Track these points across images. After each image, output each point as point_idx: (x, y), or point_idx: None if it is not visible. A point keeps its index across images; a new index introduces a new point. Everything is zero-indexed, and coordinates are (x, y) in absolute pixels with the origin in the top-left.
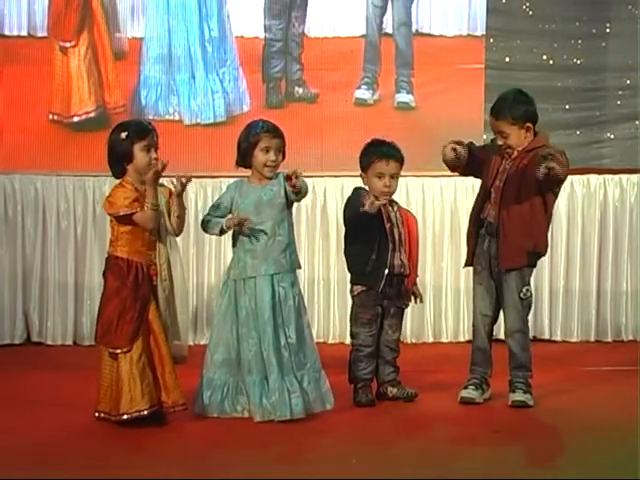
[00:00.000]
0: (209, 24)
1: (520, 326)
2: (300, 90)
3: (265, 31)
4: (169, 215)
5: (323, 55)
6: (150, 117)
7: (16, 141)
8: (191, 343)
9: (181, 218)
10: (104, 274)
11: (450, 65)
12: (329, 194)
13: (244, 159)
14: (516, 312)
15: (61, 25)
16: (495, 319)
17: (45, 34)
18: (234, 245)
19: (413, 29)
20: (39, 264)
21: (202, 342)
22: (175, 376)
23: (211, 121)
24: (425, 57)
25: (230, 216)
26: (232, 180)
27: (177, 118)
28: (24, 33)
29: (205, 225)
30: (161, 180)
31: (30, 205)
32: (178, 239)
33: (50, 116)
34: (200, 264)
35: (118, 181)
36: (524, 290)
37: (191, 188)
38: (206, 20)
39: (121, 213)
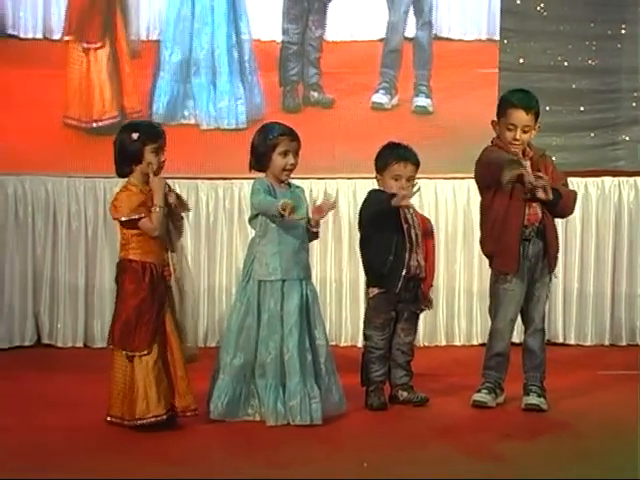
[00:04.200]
0: (239, 28)
1: (543, 325)
2: (316, 94)
3: (283, 34)
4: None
5: (340, 59)
6: (165, 121)
7: (27, 143)
8: (201, 345)
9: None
10: (117, 279)
11: (468, 69)
12: (341, 195)
13: (260, 162)
14: (543, 311)
15: (86, 26)
16: None
17: (61, 37)
18: (260, 245)
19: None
20: (49, 266)
21: (212, 344)
22: (187, 380)
23: (233, 127)
24: (443, 61)
25: (284, 200)
26: (242, 181)
27: (193, 122)
28: (39, 36)
29: (263, 202)
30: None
31: (41, 206)
32: (189, 240)
33: (66, 120)
34: (211, 265)
35: (125, 182)
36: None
37: (202, 189)
38: (235, 23)
39: (124, 218)
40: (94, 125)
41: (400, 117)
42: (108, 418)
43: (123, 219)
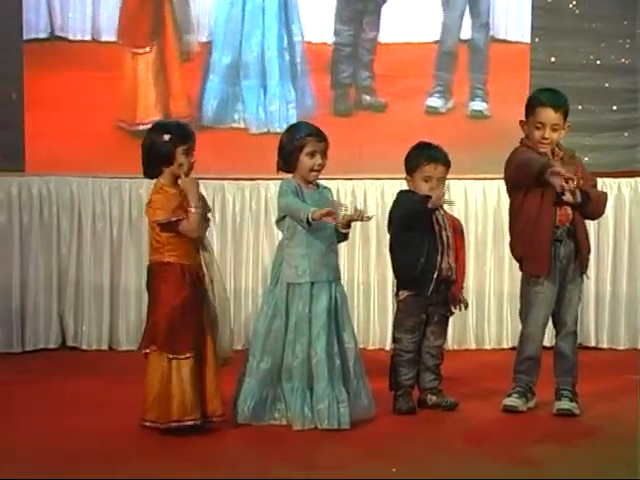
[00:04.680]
0: (291, 30)
1: (576, 328)
2: (368, 98)
3: (335, 36)
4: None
5: (393, 62)
6: (214, 124)
7: (76, 145)
8: None
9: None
10: (150, 283)
11: (523, 71)
12: (369, 196)
13: (288, 163)
14: (575, 314)
15: (133, 31)
16: None
17: (110, 39)
18: (289, 247)
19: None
20: (74, 267)
21: (238, 347)
22: (216, 384)
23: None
24: (498, 64)
25: (315, 208)
26: (274, 181)
27: (242, 126)
28: (88, 38)
29: (292, 205)
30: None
31: (65, 207)
32: (214, 242)
33: (117, 123)
34: (237, 268)
35: (154, 183)
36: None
37: (228, 190)
38: (286, 26)
39: (164, 221)
40: (140, 128)
41: (455, 121)
42: (144, 422)
43: (162, 221)
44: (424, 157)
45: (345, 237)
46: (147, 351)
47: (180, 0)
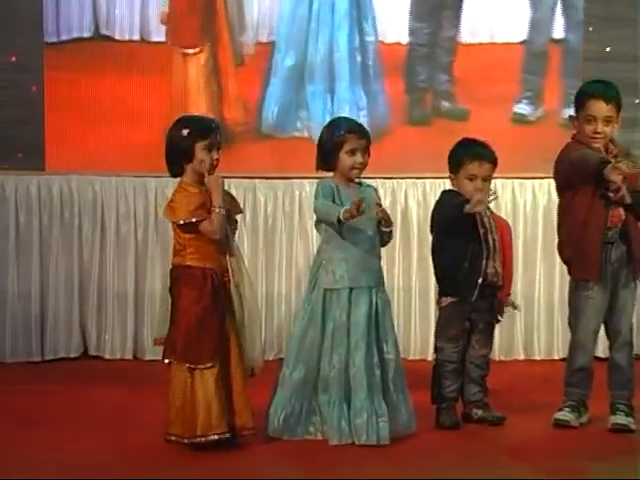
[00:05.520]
0: (363, 28)
1: (631, 338)
2: (447, 104)
3: (409, 35)
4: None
5: (476, 64)
6: (275, 133)
7: (125, 149)
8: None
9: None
10: (172, 287)
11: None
12: (410, 197)
13: (327, 161)
14: (630, 321)
15: (182, 30)
16: None
17: (160, 39)
18: (326, 251)
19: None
20: (97, 271)
21: (271, 357)
22: (245, 396)
23: None
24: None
25: (346, 207)
26: (309, 181)
27: (306, 135)
28: (136, 37)
29: (323, 208)
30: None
31: (88, 208)
32: (245, 245)
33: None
34: (270, 272)
35: (179, 182)
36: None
37: (260, 190)
38: (358, 24)
39: (183, 221)
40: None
41: (546, 130)
42: (168, 437)
43: (181, 222)
44: (468, 155)
45: (389, 238)
46: (168, 361)
47: None
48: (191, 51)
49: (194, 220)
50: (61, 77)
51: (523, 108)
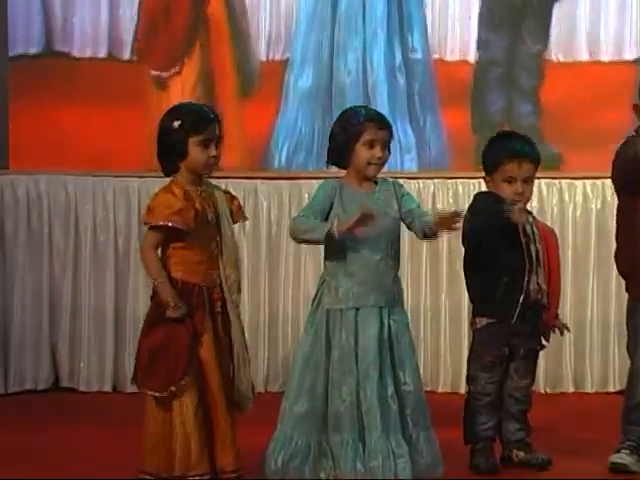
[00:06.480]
0: (407, 40)
1: None
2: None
3: (479, 50)
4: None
5: (571, 90)
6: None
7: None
8: (261, 390)
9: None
10: (151, 299)
11: None
12: (438, 200)
13: (340, 155)
14: None
15: (154, 45)
16: None
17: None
18: (329, 265)
19: None
20: (70, 287)
21: (274, 389)
22: (231, 432)
23: None
24: None
25: (337, 221)
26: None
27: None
28: (102, 54)
29: (300, 227)
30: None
31: (59, 212)
32: (245, 256)
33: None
34: (274, 289)
35: (170, 181)
36: None
37: (262, 192)
38: (399, 33)
39: (154, 224)
40: None
41: None
42: (140, 475)
43: (152, 224)
44: (505, 153)
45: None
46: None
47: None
48: (166, 74)
49: (170, 225)
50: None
51: None
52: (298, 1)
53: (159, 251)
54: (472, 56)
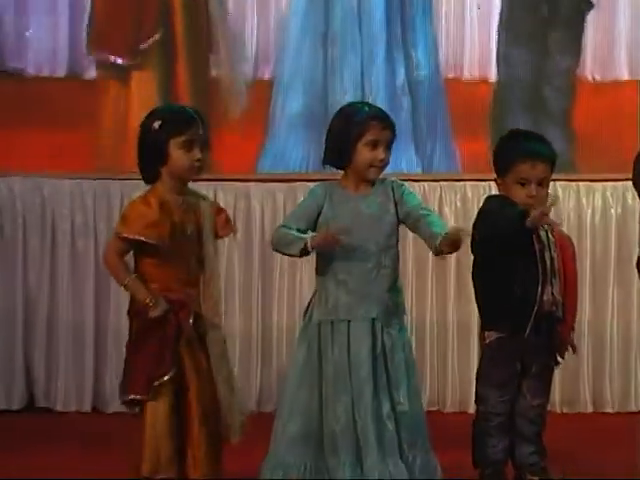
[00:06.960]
0: (411, 55)
1: None
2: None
3: (499, 66)
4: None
5: (607, 114)
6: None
7: None
8: (253, 409)
9: None
10: (128, 313)
11: None
12: (445, 203)
13: (339, 155)
14: None
15: (111, 30)
16: None
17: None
18: (320, 273)
19: None
20: (46, 299)
21: (268, 409)
22: (206, 447)
23: None
24: None
25: (314, 234)
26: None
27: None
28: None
29: (280, 240)
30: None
31: (35, 218)
32: (236, 266)
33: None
34: (267, 301)
35: (149, 188)
36: None
37: (255, 195)
38: (403, 50)
39: (127, 236)
40: None
41: None
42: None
43: (123, 236)
44: (517, 153)
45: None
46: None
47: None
48: (122, 61)
49: (143, 239)
50: None
51: None
52: (288, 13)
53: (131, 264)
54: (491, 74)
